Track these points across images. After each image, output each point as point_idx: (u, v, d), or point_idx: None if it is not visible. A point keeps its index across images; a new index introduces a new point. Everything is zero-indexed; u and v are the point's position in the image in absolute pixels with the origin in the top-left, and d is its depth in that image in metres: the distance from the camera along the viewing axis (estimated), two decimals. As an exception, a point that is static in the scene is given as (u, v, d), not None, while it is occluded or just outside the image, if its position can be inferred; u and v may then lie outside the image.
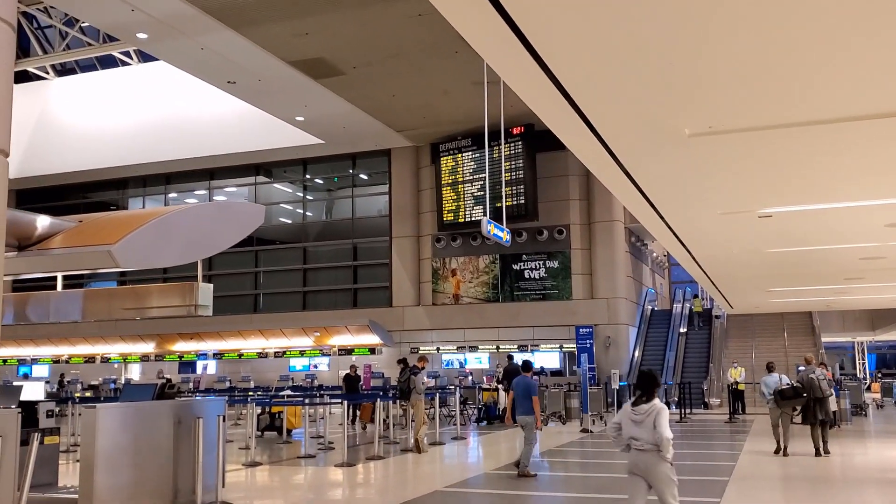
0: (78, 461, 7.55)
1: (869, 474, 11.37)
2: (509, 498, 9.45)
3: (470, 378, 24.79)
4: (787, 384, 13.14)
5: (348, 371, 21.26)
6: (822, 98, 4.91)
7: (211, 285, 8.32)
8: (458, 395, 18.73)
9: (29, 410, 7.62)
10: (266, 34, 18.63)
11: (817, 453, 12.48)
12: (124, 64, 30.01)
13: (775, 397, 12.89)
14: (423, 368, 14.25)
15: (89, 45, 29.35)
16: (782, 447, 12.75)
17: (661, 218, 9.08)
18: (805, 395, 12.64)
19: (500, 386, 20.78)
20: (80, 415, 11.55)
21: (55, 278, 9.48)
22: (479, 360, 27.47)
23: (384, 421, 15.84)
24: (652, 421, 5.72)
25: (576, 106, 5.11)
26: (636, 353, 26.90)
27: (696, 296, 28.50)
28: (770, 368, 14.22)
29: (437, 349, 27.71)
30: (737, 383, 20.84)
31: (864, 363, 43.22)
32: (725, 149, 6.07)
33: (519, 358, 23.69)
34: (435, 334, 27.74)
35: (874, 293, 19.58)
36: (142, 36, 19.33)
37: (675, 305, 30.09)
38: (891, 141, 5.84)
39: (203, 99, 26.93)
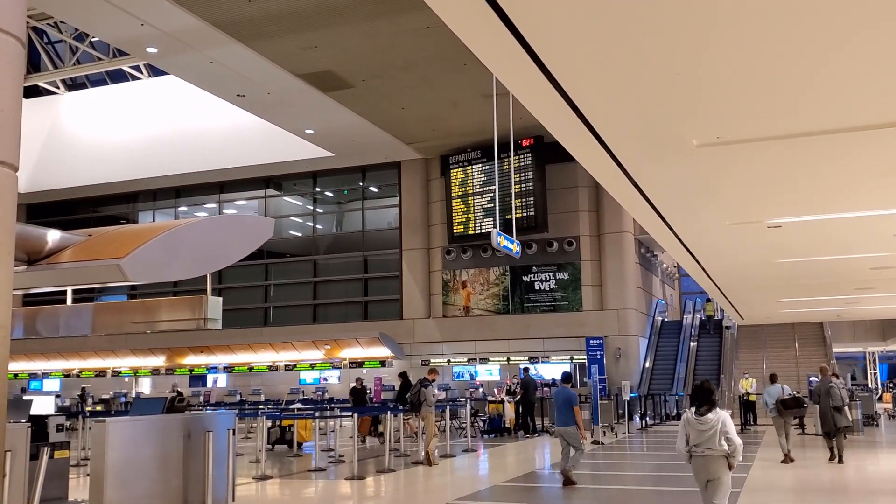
0: (88, 475, 7.55)
1: (881, 485, 11.27)
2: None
3: (481, 390, 24.74)
4: (789, 394, 13.84)
5: (354, 384, 21.29)
6: (831, 107, 4.89)
7: (220, 298, 8.32)
8: (468, 407, 18.68)
9: (39, 424, 7.64)
10: (275, 47, 18.74)
11: (831, 457, 12.79)
12: (134, 78, 30.23)
13: (777, 407, 13.40)
14: (433, 381, 14.22)
15: (99, 59, 29.58)
16: (786, 454, 13.04)
17: (670, 228, 9.06)
18: (805, 405, 13.57)
19: (505, 398, 20.71)
20: (90, 429, 11.57)
21: (65, 292, 9.52)
22: (489, 373, 27.40)
23: (392, 432, 15.78)
24: (718, 429, 6.15)
25: (583, 117, 5.11)
26: (647, 365, 26.79)
27: (708, 300, 28.20)
28: (773, 379, 14.58)
29: (448, 361, 27.66)
30: (748, 394, 20.70)
31: (875, 373, 42.88)
32: (733, 159, 6.05)
33: (534, 370, 23.68)
34: (446, 346, 27.71)
35: (885, 303, 19.46)
36: (151, 50, 19.48)
37: (685, 316, 29.97)
38: (900, 150, 5.82)
39: (213, 112, 27.09)
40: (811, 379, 18.37)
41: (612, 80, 4.50)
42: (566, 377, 11.85)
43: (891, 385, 36.71)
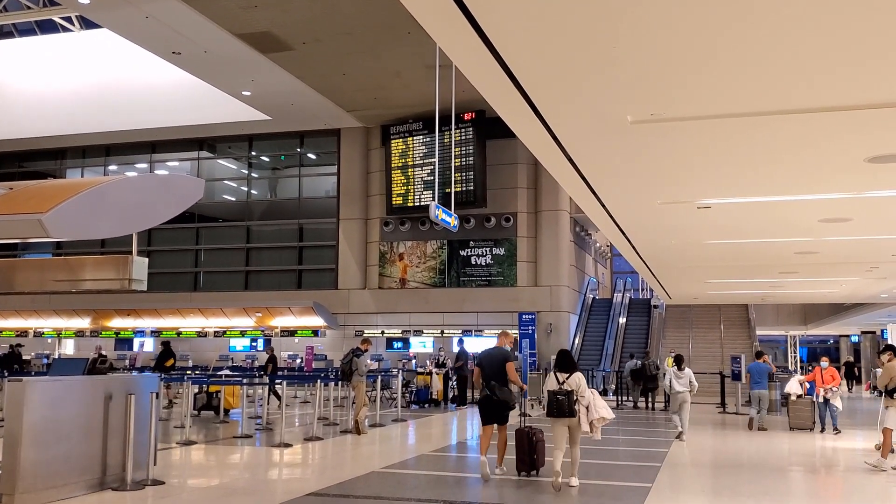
0: (3, 437, 7.32)
1: (794, 459, 11.73)
2: (444, 478, 9.49)
3: (413, 362, 24.82)
4: (638, 366, 20.54)
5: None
6: (762, 90, 4.98)
7: (146, 259, 8.13)
8: (400, 378, 18.71)
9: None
10: (213, 5, 18.23)
11: (635, 406, 20.64)
12: (65, 30, 29.04)
13: (632, 375, 20.61)
14: (366, 351, 14.19)
15: (28, 8, 28.34)
16: (637, 403, 20.70)
17: (603, 206, 9.16)
18: (652, 374, 20.75)
19: (434, 370, 20.84)
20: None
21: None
22: (423, 345, 27.46)
23: (322, 401, 15.70)
24: (688, 379, 13.16)
25: (521, 88, 5.09)
26: (576, 341, 27.23)
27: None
28: (631, 356, 21.82)
29: (382, 332, 27.63)
30: (674, 372, 21.29)
31: (795, 356, 44.51)
32: (666, 137, 6.13)
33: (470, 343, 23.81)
34: (380, 318, 27.66)
35: (807, 287, 20.15)
36: (84, 1, 18.74)
37: (615, 295, 30.52)
38: (826, 135, 5.97)
39: (147, 69, 26.21)
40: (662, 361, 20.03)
41: (549, 50, 4.49)
42: (760, 354, 16.60)
43: (809, 367, 38.15)
